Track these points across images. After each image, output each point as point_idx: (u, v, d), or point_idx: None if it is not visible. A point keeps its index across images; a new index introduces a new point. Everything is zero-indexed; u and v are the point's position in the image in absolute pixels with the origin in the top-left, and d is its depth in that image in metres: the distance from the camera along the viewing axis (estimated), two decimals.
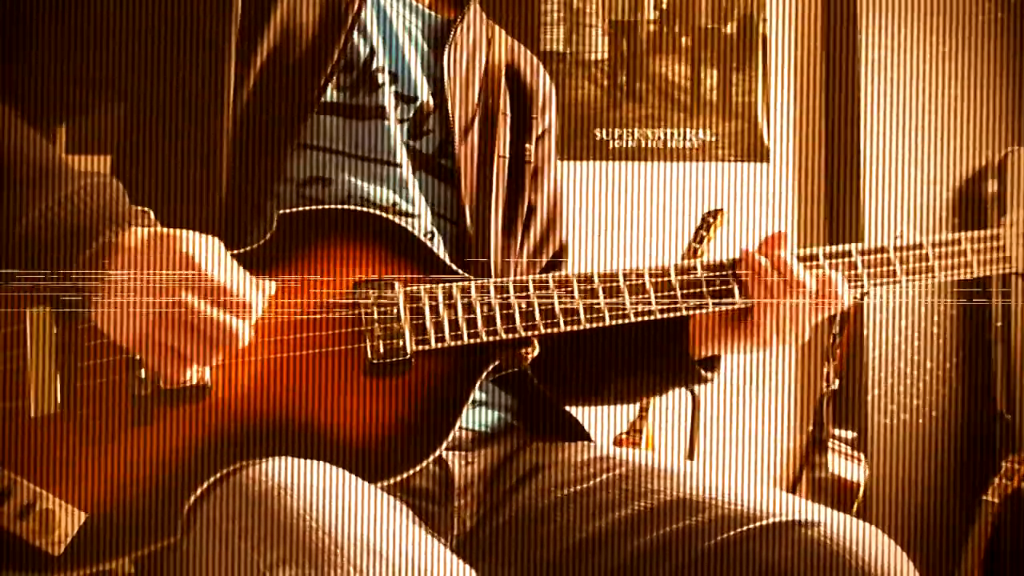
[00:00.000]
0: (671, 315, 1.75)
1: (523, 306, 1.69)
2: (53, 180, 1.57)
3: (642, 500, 1.73)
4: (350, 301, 1.64)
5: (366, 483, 1.56)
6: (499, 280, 1.69)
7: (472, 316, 1.67)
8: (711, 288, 1.75)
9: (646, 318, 1.73)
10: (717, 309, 1.77)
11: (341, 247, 1.67)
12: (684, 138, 3.90)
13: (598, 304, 1.71)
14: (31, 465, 1.57)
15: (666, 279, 1.74)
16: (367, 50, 1.81)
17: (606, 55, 3.93)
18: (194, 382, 1.57)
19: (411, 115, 1.83)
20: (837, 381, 3.04)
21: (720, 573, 1.66)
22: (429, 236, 1.79)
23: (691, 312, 1.75)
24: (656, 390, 1.97)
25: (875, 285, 1.80)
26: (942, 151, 3.48)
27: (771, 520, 1.65)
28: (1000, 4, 3.57)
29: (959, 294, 3.13)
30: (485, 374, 1.70)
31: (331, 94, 1.77)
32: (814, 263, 1.76)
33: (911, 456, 3.49)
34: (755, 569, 1.64)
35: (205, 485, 1.53)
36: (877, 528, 1.65)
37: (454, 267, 1.71)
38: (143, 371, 1.57)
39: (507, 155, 1.95)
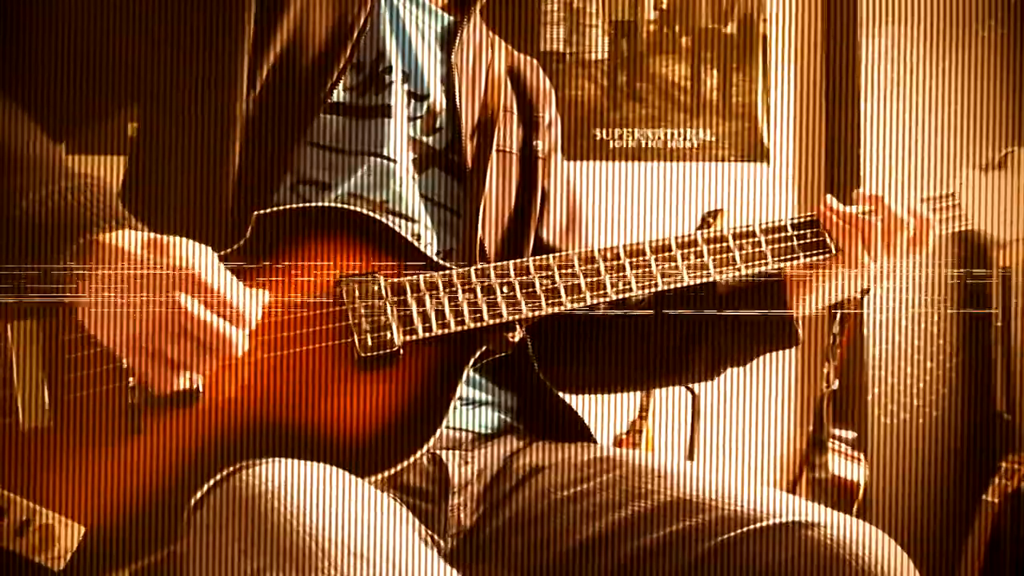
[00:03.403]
0: (647, 291, 1.77)
1: (505, 290, 1.69)
2: (46, 174, 1.58)
3: (642, 501, 1.73)
4: (336, 294, 1.65)
5: (359, 483, 1.56)
6: (480, 266, 1.70)
7: (456, 303, 1.67)
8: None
9: (628, 295, 1.75)
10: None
11: (320, 244, 1.67)
12: (684, 138, 3.89)
13: (587, 283, 1.73)
14: (25, 481, 1.56)
15: (666, 252, 1.77)
16: (378, 51, 1.83)
17: (606, 55, 3.93)
18: (184, 387, 1.57)
19: (423, 112, 1.86)
20: (837, 381, 3.04)
21: (720, 574, 1.66)
22: (416, 237, 1.80)
23: (669, 286, 1.77)
24: (744, 358, 1.96)
25: (841, 249, 1.84)
26: (942, 150, 3.48)
27: (772, 521, 1.65)
28: (1000, 3, 3.57)
29: (960, 301, 3.13)
30: (473, 360, 1.72)
31: (339, 94, 1.79)
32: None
33: (911, 456, 3.49)
34: (756, 570, 1.64)
35: (202, 491, 1.53)
36: (878, 529, 1.65)
37: (434, 258, 1.73)
38: (132, 379, 1.56)
39: (514, 151, 1.98)
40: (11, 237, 1.53)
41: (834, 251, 1.83)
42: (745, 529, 1.66)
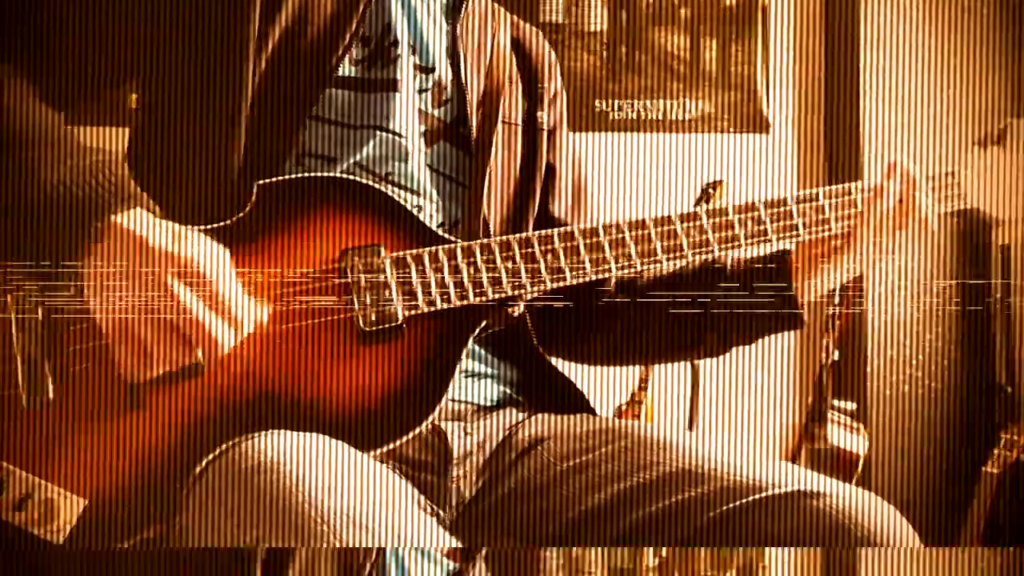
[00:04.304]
0: (650, 268, 1.77)
1: (509, 265, 1.69)
2: (60, 152, 1.59)
3: (645, 472, 1.74)
4: (339, 268, 1.65)
5: (360, 455, 1.58)
6: (483, 241, 1.70)
7: (459, 278, 1.67)
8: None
9: (631, 272, 1.76)
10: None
11: (323, 215, 1.66)
12: (683, 109, 3.88)
13: (591, 259, 1.73)
14: (25, 454, 1.56)
15: (668, 226, 1.77)
16: (384, 24, 1.83)
17: (605, 26, 3.92)
18: (185, 362, 1.56)
19: (431, 85, 1.86)
20: (837, 352, 3.05)
21: (723, 544, 1.67)
22: (419, 209, 1.80)
23: (682, 259, 1.78)
24: (749, 339, 1.97)
25: (843, 227, 1.83)
26: (943, 119, 3.48)
27: (774, 491, 1.66)
28: None
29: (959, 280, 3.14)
30: (475, 334, 1.72)
31: (346, 68, 1.79)
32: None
33: (911, 427, 3.50)
34: (759, 540, 1.65)
35: (203, 464, 1.53)
36: (880, 497, 1.66)
37: (439, 232, 1.72)
38: None
39: (519, 122, 1.97)
40: (31, 218, 1.54)
41: (835, 228, 1.82)
42: (748, 499, 1.67)
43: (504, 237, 1.71)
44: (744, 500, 1.67)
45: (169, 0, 1.71)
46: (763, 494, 1.66)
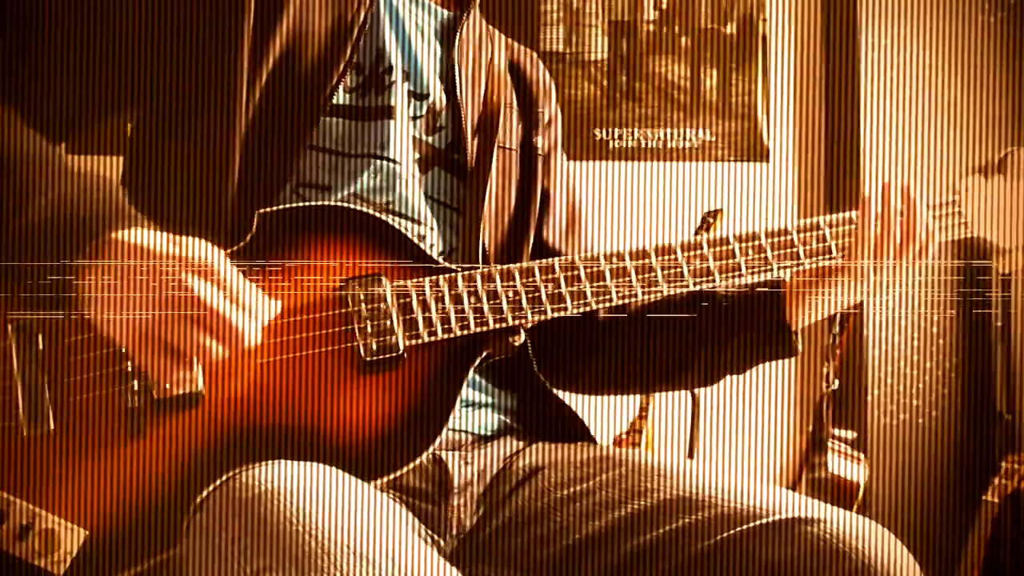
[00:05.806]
0: (650, 296, 1.76)
1: (510, 294, 1.69)
2: (51, 176, 1.58)
3: (642, 499, 1.73)
4: (340, 297, 1.65)
5: (361, 484, 1.56)
6: (484, 270, 1.70)
7: (461, 307, 1.67)
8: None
9: (632, 300, 1.76)
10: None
11: (324, 245, 1.67)
12: (684, 138, 3.89)
13: (592, 288, 1.73)
14: (26, 484, 1.56)
15: (670, 256, 1.76)
16: (378, 51, 1.83)
17: (605, 55, 3.93)
18: (187, 389, 1.57)
19: (424, 112, 1.85)
20: (837, 381, 3.05)
21: (721, 571, 1.66)
22: (420, 238, 1.80)
23: (673, 291, 1.78)
24: (742, 367, 1.96)
25: (844, 255, 1.82)
26: (942, 150, 3.48)
27: (772, 518, 1.65)
28: (1000, 3, 3.57)
29: (959, 298, 3.13)
30: (476, 363, 1.71)
31: (341, 96, 1.78)
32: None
33: (911, 456, 3.49)
34: (757, 567, 1.64)
35: (204, 493, 1.53)
36: (879, 524, 1.65)
37: (441, 261, 1.72)
38: (135, 382, 1.56)
39: (516, 147, 1.97)
40: (23, 241, 1.54)
41: (837, 257, 1.82)
42: (746, 526, 1.66)
43: (505, 266, 1.71)
44: (743, 527, 1.66)
45: (163, 29, 1.71)
46: (762, 521, 1.65)
